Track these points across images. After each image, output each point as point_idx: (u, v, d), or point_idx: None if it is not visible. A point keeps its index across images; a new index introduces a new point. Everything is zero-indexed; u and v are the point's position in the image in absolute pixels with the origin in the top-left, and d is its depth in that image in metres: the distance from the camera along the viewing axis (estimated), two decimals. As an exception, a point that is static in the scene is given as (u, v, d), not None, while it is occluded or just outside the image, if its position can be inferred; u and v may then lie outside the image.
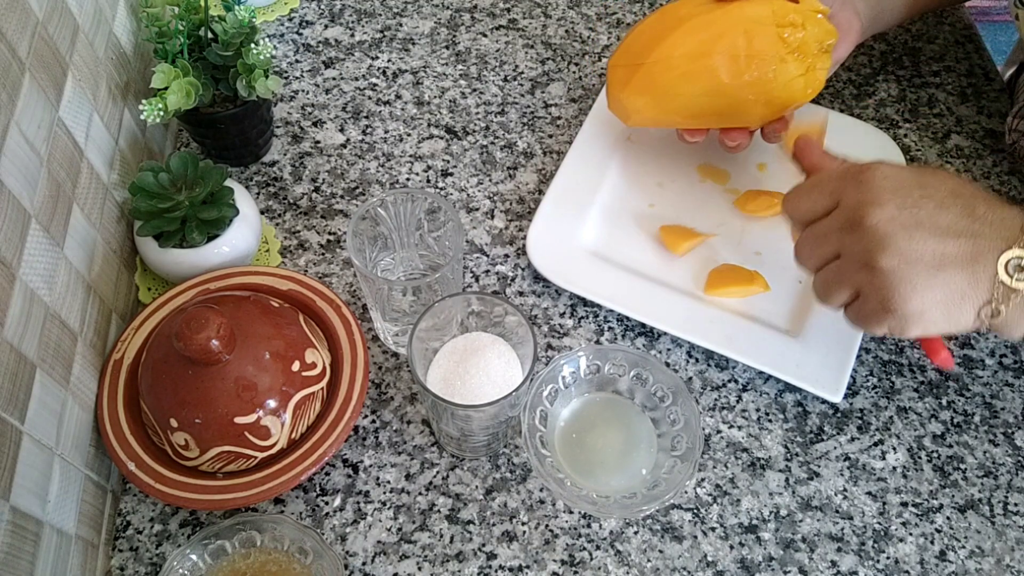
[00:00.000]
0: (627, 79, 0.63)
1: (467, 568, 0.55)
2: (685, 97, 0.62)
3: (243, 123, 0.68)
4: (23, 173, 0.49)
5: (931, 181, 0.49)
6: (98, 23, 0.62)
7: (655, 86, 0.62)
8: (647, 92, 0.63)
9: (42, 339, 0.49)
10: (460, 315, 0.55)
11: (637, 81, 0.62)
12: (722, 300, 0.65)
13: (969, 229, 0.47)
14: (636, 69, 0.62)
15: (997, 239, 0.47)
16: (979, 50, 0.83)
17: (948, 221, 0.47)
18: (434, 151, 0.74)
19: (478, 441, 0.56)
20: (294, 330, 0.57)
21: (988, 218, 0.47)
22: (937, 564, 0.56)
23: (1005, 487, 0.59)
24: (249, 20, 0.65)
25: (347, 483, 0.58)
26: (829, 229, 0.51)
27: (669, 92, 0.62)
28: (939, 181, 0.49)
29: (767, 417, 0.61)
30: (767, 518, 0.57)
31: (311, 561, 0.51)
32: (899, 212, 0.48)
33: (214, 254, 0.61)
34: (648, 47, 0.62)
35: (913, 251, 0.47)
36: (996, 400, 0.62)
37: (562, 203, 0.68)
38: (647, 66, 0.62)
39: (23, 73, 0.50)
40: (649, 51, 0.62)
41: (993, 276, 0.47)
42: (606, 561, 0.55)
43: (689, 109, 0.63)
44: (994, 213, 0.48)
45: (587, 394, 0.56)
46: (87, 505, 0.53)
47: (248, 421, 0.53)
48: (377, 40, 0.82)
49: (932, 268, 0.47)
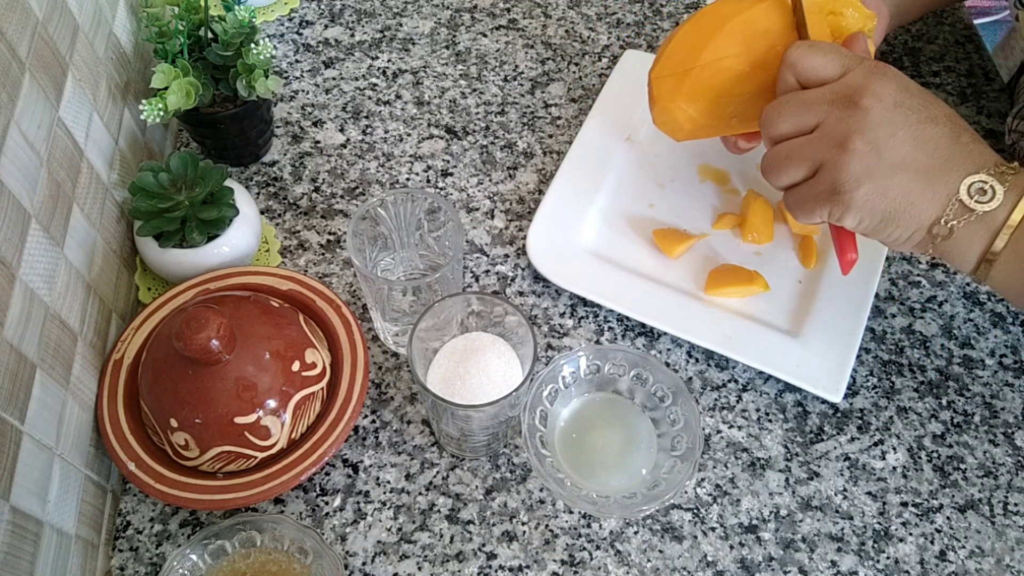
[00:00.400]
0: (676, 87, 0.58)
1: (467, 568, 0.55)
2: (743, 98, 0.57)
3: (243, 123, 0.68)
4: (23, 173, 0.49)
5: (934, 100, 0.50)
6: (98, 23, 0.62)
7: (709, 90, 0.58)
8: (701, 97, 0.58)
9: (42, 339, 0.49)
10: (460, 315, 0.55)
11: (688, 87, 0.58)
12: (722, 300, 0.65)
13: (947, 149, 0.49)
14: (685, 76, 0.58)
15: (968, 163, 0.48)
16: (979, 50, 0.83)
17: (932, 134, 0.49)
18: (434, 151, 0.74)
19: (478, 441, 0.56)
20: (294, 330, 0.57)
21: (969, 147, 0.49)
22: (937, 564, 0.56)
23: (1005, 487, 0.59)
24: (249, 20, 0.65)
25: (347, 483, 0.58)
26: (819, 99, 0.51)
27: (725, 94, 0.58)
28: (941, 105, 0.50)
29: (767, 417, 0.61)
30: (767, 518, 0.57)
31: (311, 561, 0.51)
32: (894, 108, 0.49)
33: (214, 254, 0.61)
34: (694, 51, 0.57)
35: (886, 145, 0.48)
36: (996, 400, 0.62)
37: (562, 203, 0.68)
38: (697, 70, 0.57)
39: (23, 73, 0.50)
40: (696, 55, 0.57)
41: (952, 194, 0.48)
42: (606, 561, 0.55)
43: (748, 111, 0.58)
44: (976, 145, 0.49)
45: (587, 394, 0.56)
46: (87, 505, 0.53)
47: (248, 421, 0.53)
48: (377, 40, 0.82)
49: (895, 167, 0.48)
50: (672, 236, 0.67)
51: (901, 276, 0.68)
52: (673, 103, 0.59)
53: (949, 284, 0.68)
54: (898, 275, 0.68)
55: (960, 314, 0.66)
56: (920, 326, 0.65)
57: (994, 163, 0.48)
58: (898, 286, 0.67)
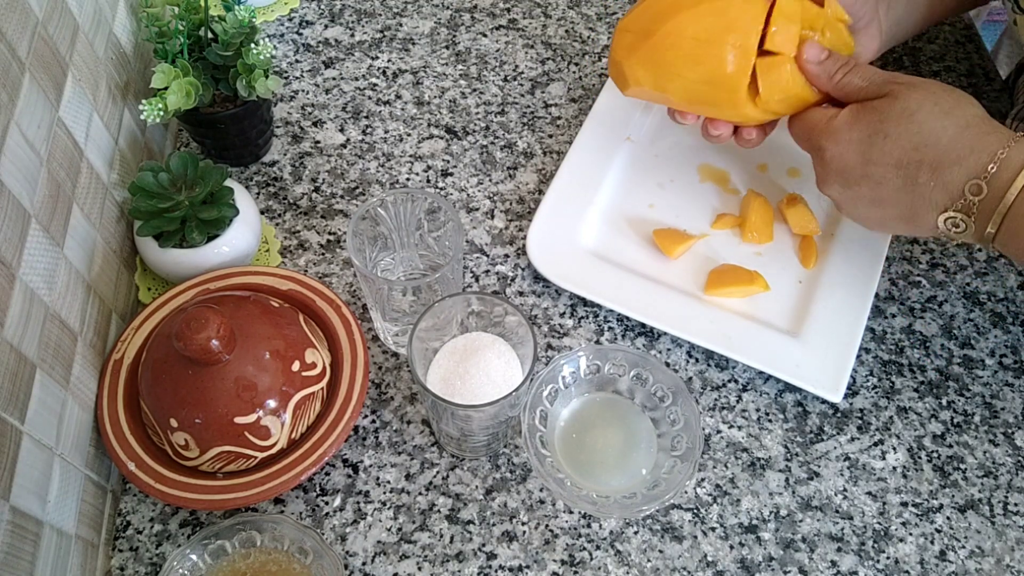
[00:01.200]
0: (634, 47, 0.59)
1: (467, 568, 0.55)
2: (685, 80, 0.58)
3: (243, 123, 0.68)
4: (23, 173, 0.49)
5: (877, 155, 0.53)
6: (98, 23, 0.62)
7: (659, 62, 0.58)
8: (650, 66, 0.59)
9: (42, 339, 0.49)
10: (460, 315, 0.55)
11: (644, 52, 0.59)
12: (722, 300, 0.65)
13: (906, 200, 0.53)
14: (645, 39, 0.58)
15: (934, 204, 0.53)
16: (979, 50, 0.83)
17: (885, 194, 0.54)
18: (434, 151, 0.74)
19: (478, 441, 0.56)
20: (294, 330, 0.57)
21: (929, 185, 0.52)
22: (937, 564, 0.56)
23: (1005, 487, 0.59)
24: (249, 20, 0.65)
25: (347, 483, 0.58)
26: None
27: (670, 71, 0.58)
28: (887, 151, 0.53)
29: (767, 417, 0.61)
30: (767, 518, 0.57)
31: (311, 561, 0.51)
32: (841, 191, 0.56)
33: (214, 254, 0.61)
34: (662, 17, 0.58)
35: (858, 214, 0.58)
36: (996, 400, 0.62)
37: (562, 203, 0.68)
38: (658, 37, 0.58)
39: (23, 73, 0.50)
40: (662, 22, 0.58)
41: (934, 228, 0.54)
42: (606, 561, 0.55)
43: (686, 93, 0.59)
44: (937, 178, 0.52)
45: (587, 394, 0.56)
46: (87, 505, 0.53)
47: (248, 421, 0.53)
48: (377, 40, 0.82)
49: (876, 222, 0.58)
50: (672, 236, 0.67)
51: (901, 276, 0.68)
52: (627, 60, 0.60)
53: (949, 284, 0.68)
54: (898, 275, 0.68)
55: (960, 314, 0.66)
56: (920, 326, 0.65)
57: (961, 189, 0.51)
58: (898, 286, 0.67)
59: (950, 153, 0.51)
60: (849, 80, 0.56)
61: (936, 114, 0.52)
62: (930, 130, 0.52)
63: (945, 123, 0.52)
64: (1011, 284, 0.68)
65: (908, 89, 0.53)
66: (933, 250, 0.69)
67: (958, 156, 0.51)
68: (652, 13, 0.59)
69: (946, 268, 0.68)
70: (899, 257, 0.69)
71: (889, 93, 0.54)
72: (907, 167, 0.52)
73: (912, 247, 0.70)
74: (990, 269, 0.68)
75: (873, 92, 0.55)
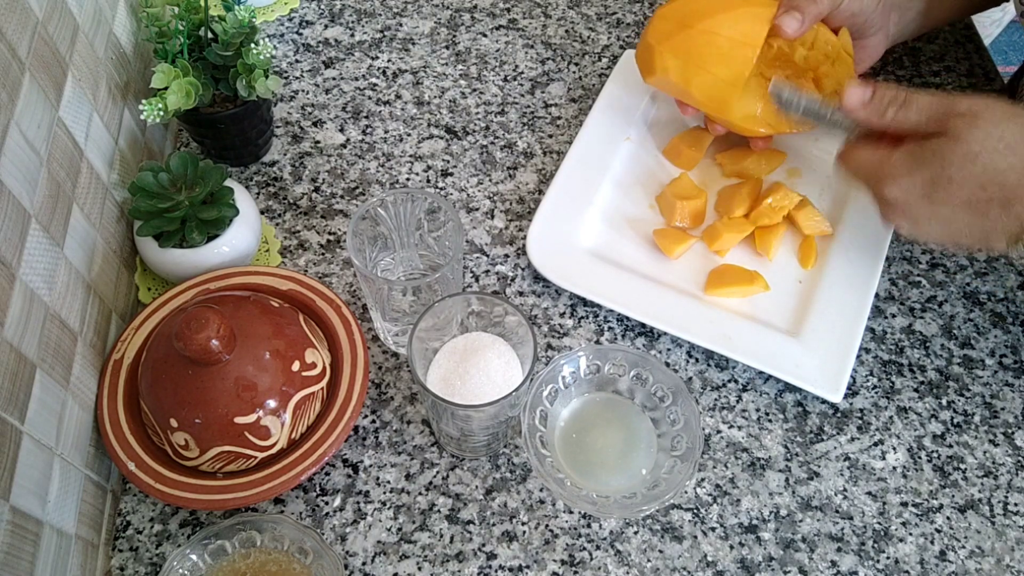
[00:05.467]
0: (670, 35, 0.62)
1: (467, 568, 0.55)
2: (711, 76, 0.61)
3: (243, 123, 0.68)
4: (23, 173, 0.49)
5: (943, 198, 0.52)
6: (98, 23, 0.62)
7: (691, 54, 0.61)
8: (681, 56, 0.62)
9: (42, 339, 0.49)
10: (460, 315, 0.55)
11: (678, 42, 0.62)
12: (722, 300, 0.65)
13: (978, 231, 0.53)
14: (682, 29, 0.62)
15: (1006, 233, 0.52)
16: (979, 50, 0.83)
17: (955, 228, 0.54)
18: (434, 151, 0.74)
19: (478, 441, 0.56)
20: (294, 330, 0.57)
21: (1000, 219, 0.52)
22: (937, 564, 0.56)
23: (1005, 487, 0.59)
24: (249, 20, 0.65)
25: (347, 483, 0.58)
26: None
27: (699, 64, 0.61)
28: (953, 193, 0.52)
29: (767, 417, 0.61)
30: (767, 518, 0.57)
31: (311, 561, 0.51)
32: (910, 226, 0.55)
33: (214, 254, 0.61)
34: (701, 13, 0.61)
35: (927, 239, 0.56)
36: (996, 400, 0.62)
37: (562, 203, 0.68)
38: (694, 32, 0.61)
39: (23, 73, 0.50)
40: (701, 18, 0.61)
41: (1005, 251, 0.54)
42: (606, 561, 0.55)
43: (708, 89, 0.62)
44: (1007, 213, 0.51)
45: (587, 394, 0.56)
46: (87, 505, 0.53)
47: (248, 421, 0.53)
48: (377, 40, 0.82)
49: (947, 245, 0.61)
50: (672, 236, 0.67)
51: (901, 276, 0.68)
52: (659, 46, 0.63)
53: (949, 284, 0.68)
54: (898, 275, 0.68)
55: (960, 314, 0.66)
56: (920, 326, 0.65)
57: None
58: (898, 286, 0.67)
59: (1018, 190, 0.50)
60: (905, 117, 0.53)
61: (1001, 152, 0.50)
62: (996, 170, 0.50)
63: (1012, 160, 0.50)
64: (1011, 284, 0.68)
65: (969, 127, 0.50)
66: (933, 250, 0.69)
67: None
68: (692, 8, 0.62)
69: (946, 268, 0.68)
70: (899, 257, 0.69)
71: (948, 132, 0.51)
72: (975, 204, 0.51)
73: (912, 247, 0.70)
74: (990, 269, 0.68)
75: (932, 128, 0.52)
